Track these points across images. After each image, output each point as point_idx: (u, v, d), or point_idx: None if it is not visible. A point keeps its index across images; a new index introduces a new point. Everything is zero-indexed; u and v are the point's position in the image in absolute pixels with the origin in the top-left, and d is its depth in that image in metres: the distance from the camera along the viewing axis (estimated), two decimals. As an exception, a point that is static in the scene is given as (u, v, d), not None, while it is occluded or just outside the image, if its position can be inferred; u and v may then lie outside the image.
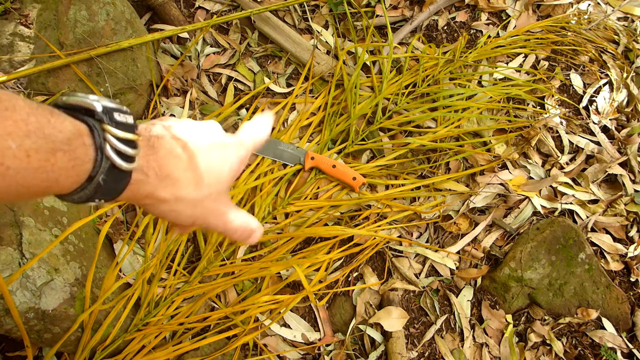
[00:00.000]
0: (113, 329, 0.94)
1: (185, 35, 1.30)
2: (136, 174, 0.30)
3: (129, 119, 0.30)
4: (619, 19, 1.54)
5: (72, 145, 0.26)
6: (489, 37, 1.41)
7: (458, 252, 1.16)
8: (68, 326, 0.87)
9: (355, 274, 1.13)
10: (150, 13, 1.31)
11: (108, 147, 0.28)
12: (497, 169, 1.25)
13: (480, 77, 1.34)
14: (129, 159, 0.29)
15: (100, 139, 0.28)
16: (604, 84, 1.41)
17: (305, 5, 1.39)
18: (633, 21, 1.54)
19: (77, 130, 0.27)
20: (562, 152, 1.30)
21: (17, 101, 0.24)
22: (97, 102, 0.29)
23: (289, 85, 1.31)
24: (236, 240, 0.41)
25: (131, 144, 0.29)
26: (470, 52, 1.36)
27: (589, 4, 1.51)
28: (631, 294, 1.20)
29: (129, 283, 1.01)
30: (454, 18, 1.45)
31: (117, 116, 0.29)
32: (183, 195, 0.34)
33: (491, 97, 1.28)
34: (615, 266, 1.21)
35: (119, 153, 0.29)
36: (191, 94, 1.23)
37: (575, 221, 1.23)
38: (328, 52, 1.34)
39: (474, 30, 1.44)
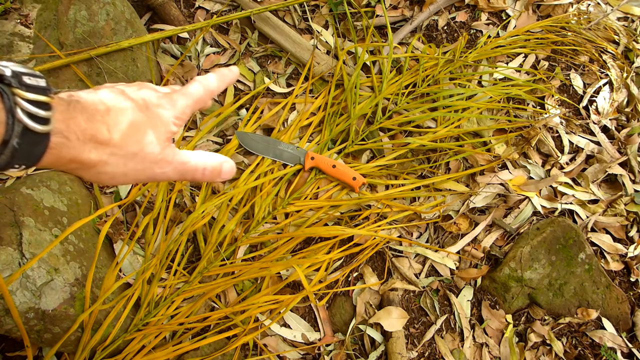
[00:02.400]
0: (113, 329, 0.94)
1: (185, 35, 1.30)
2: (56, 138, 0.31)
3: (41, 82, 0.31)
4: (619, 18, 1.54)
5: None
6: (489, 37, 1.41)
7: (458, 252, 1.16)
8: (68, 326, 0.87)
9: (355, 274, 1.13)
10: (150, 13, 1.31)
11: (19, 110, 0.29)
12: (497, 169, 1.25)
13: (480, 77, 1.34)
14: (42, 121, 0.29)
15: (10, 102, 0.28)
16: (604, 84, 1.41)
17: (305, 5, 1.39)
18: (633, 21, 1.54)
19: None
20: (562, 152, 1.30)
21: None
22: (6, 67, 0.29)
23: (289, 85, 1.31)
24: (206, 180, 0.41)
25: (44, 106, 0.30)
26: (470, 52, 1.36)
27: (589, 4, 1.51)
28: (631, 294, 1.20)
29: (129, 283, 1.01)
30: (454, 18, 1.45)
31: (28, 80, 0.30)
32: (108, 157, 0.34)
33: (491, 97, 1.28)
34: (615, 266, 1.21)
35: (31, 115, 0.29)
36: (191, 94, 1.23)
37: (575, 221, 1.23)
38: (328, 52, 1.34)
39: (474, 30, 1.44)
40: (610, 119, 1.37)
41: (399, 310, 1.07)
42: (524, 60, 1.41)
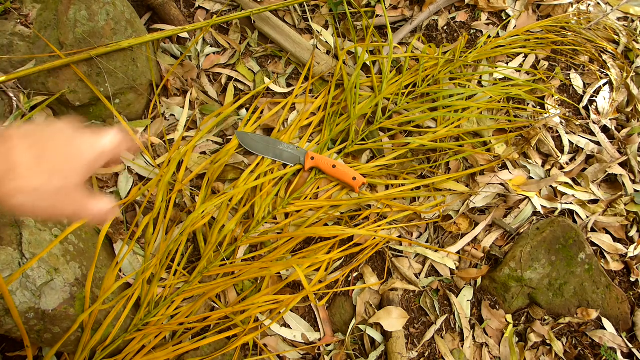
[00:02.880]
0: (113, 329, 0.94)
1: (185, 35, 1.30)
2: None
3: None
4: (619, 18, 1.54)
5: None
6: (489, 37, 1.41)
7: (458, 252, 1.16)
8: (68, 326, 0.87)
9: (355, 274, 1.13)
10: (150, 13, 1.31)
11: None
12: (497, 169, 1.25)
13: (480, 77, 1.34)
14: None
15: None
16: (604, 84, 1.41)
17: (305, 5, 1.39)
18: (633, 21, 1.54)
19: None
20: (562, 152, 1.30)
21: None
22: None
23: (289, 85, 1.31)
24: (95, 223, 0.43)
25: None
26: (470, 52, 1.36)
27: (589, 4, 1.51)
28: (631, 294, 1.20)
29: (129, 283, 1.01)
30: (454, 18, 1.45)
31: None
32: (30, 188, 0.36)
33: (491, 97, 1.28)
34: (615, 266, 1.21)
35: None
36: (191, 94, 1.23)
37: (575, 221, 1.23)
38: (328, 52, 1.34)
39: (474, 30, 1.44)
40: (610, 119, 1.37)
41: (399, 310, 1.07)
42: (524, 60, 1.41)
